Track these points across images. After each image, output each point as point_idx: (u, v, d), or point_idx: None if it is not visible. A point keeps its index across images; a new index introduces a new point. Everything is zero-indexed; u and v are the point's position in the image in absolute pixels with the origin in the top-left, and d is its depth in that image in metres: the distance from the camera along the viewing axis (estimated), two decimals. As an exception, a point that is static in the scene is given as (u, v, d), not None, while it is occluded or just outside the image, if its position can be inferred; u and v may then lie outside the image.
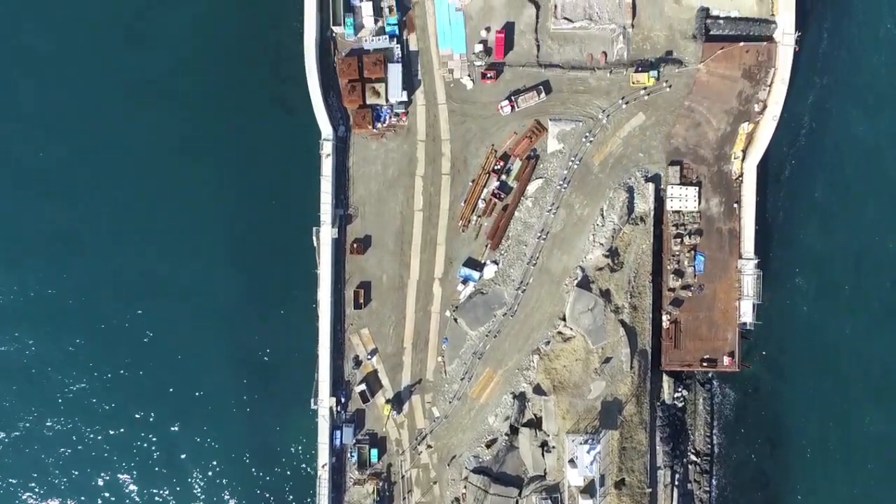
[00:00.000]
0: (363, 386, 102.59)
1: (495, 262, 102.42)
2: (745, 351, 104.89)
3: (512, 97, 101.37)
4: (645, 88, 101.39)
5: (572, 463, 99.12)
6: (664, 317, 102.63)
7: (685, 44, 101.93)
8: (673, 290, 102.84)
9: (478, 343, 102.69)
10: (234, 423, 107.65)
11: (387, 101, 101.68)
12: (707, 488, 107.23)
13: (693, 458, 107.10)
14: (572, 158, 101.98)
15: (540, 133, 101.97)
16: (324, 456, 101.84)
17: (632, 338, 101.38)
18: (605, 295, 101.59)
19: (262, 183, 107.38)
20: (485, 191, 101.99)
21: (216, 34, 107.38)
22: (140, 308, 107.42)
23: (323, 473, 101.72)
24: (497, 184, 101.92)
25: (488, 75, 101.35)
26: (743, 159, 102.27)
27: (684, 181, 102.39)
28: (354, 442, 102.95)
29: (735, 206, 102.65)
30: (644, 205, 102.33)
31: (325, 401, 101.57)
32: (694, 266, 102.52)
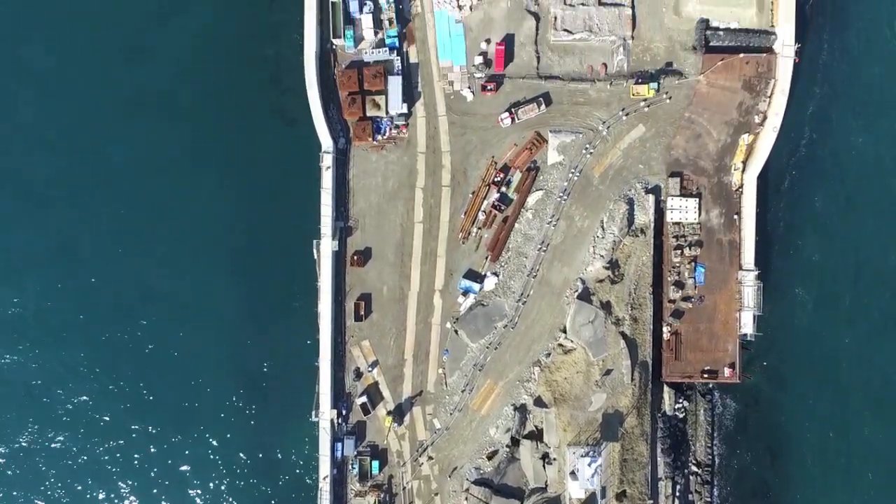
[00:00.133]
0: (364, 398, 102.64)
1: (496, 274, 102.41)
2: (745, 362, 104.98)
3: (512, 109, 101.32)
4: (645, 100, 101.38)
5: (573, 475, 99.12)
6: (665, 328, 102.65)
7: (685, 55, 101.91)
8: (673, 301, 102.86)
9: (479, 355, 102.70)
10: (235, 435, 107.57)
11: (387, 113, 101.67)
12: (708, 499, 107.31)
13: (694, 468, 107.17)
14: (572, 170, 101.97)
15: (540, 145, 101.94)
16: (325, 468, 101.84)
17: (632, 350, 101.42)
18: (606, 307, 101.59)
19: (262, 194, 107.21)
20: (485, 202, 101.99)
21: (216, 46, 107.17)
22: (141, 320, 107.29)
23: (324, 485, 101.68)
24: (497, 195, 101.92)
25: (488, 87, 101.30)
26: (743, 170, 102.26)
27: (684, 192, 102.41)
28: (356, 454, 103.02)
29: (735, 217, 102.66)
30: (644, 216, 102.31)
31: (326, 413, 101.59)
32: (694, 277, 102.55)
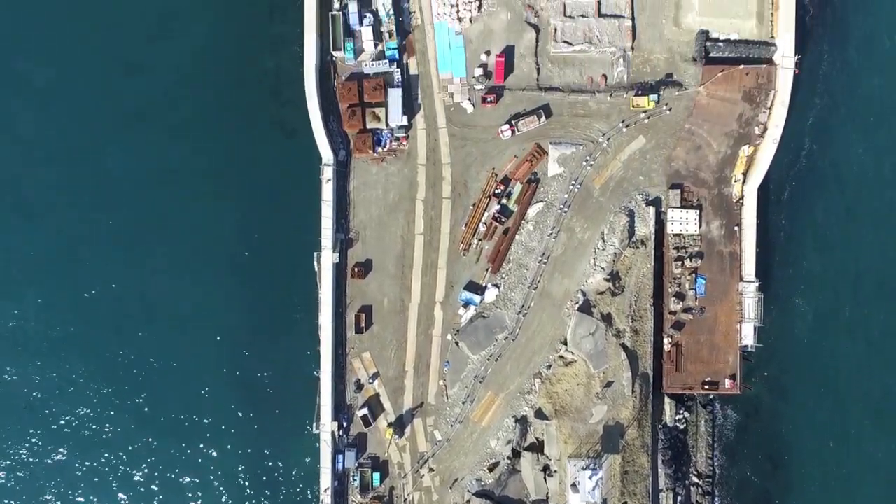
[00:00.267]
0: (365, 410, 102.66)
1: (496, 286, 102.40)
2: (746, 373, 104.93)
3: (512, 121, 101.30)
4: (645, 111, 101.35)
5: (574, 487, 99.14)
6: (665, 340, 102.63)
7: (685, 66, 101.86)
8: (674, 313, 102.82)
9: (479, 367, 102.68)
10: (236, 447, 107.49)
11: (387, 125, 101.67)
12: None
13: (695, 479, 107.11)
14: (573, 182, 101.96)
15: (540, 156, 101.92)
16: (326, 480, 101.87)
17: (633, 362, 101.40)
18: (607, 319, 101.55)
19: (262, 206, 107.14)
20: (485, 214, 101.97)
21: (217, 58, 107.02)
22: (141, 332, 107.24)
23: (325, 497, 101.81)
24: (498, 207, 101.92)
25: (488, 99, 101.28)
26: (743, 182, 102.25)
27: (685, 204, 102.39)
28: (357, 466, 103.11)
29: (736, 228, 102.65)
30: (645, 228, 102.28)
31: (326, 425, 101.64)
32: (695, 289, 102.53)
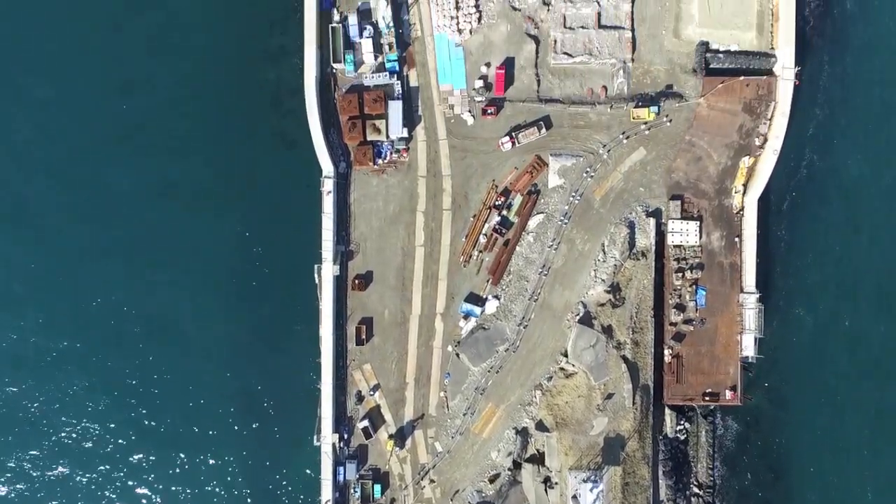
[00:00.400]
0: (366, 421, 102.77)
1: (497, 298, 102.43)
2: (746, 384, 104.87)
3: (512, 133, 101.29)
4: (645, 123, 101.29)
5: (575, 500, 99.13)
6: (666, 351, 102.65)
7: (685, 78, 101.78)
8: (675, 324, 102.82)
9: (480, 378, 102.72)
10: (237, 459, 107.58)
11: (387, 137, 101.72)
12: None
13: (696, 490, 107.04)
14: (573, 193, 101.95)
15: (541, 168, 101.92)
16: (327, 492, 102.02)
17: (634, 373, 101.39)
18: (607, 331, 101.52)
19: (263, 218, 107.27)
20: (486, 226, 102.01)
21: (217, 70, 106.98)
22: (140, 345, 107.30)
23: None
24: (498, 219, 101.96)
25: (489, 111, 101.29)
26: (744, 193, 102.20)
27: (685, 215, 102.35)
28: (358, 477, 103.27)
29: (736, 239, 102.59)
30: (645, 240, 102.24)
31: (327, 437, 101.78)
32: (695, 300, 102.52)
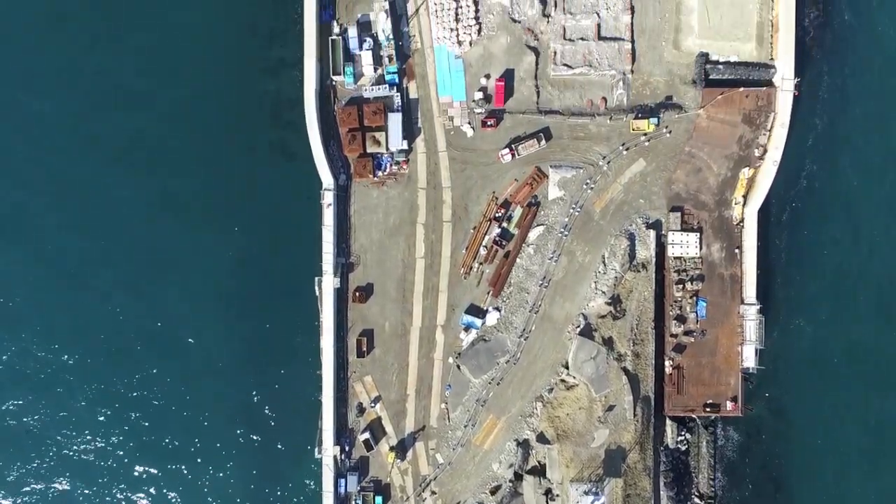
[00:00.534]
0: (367, 433, 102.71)
1: (497, 310, 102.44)
2: (747, 395, 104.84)
3: (512, 144, 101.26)
4: (645, 134, 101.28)
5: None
6: (667, 362, 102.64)
7: (685, 89, 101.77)
8: (675, 335, 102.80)
9: (481, 390, 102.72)
10: (237, 471, 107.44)
11: (387, 149, 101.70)
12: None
13: (697, 500, 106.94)
14: (573, 205, 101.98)
15: (541, 180, 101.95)
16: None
17: (635, 385, 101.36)
18: (608, 343, 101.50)
19: (263, 231, 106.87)
20: (486, 238, 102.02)
21: (216, 83, 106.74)
22: (141, 359, 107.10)
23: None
24: (498, 231, 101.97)
25: (488, 123, 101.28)
26: (744, 204, 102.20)
27: (685, 227, 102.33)
28: (359, 489, 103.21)
29: (736, 251, 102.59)
30: (645, 251, 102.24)
31: (329, 449, 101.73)
32: (696, 312, 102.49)
